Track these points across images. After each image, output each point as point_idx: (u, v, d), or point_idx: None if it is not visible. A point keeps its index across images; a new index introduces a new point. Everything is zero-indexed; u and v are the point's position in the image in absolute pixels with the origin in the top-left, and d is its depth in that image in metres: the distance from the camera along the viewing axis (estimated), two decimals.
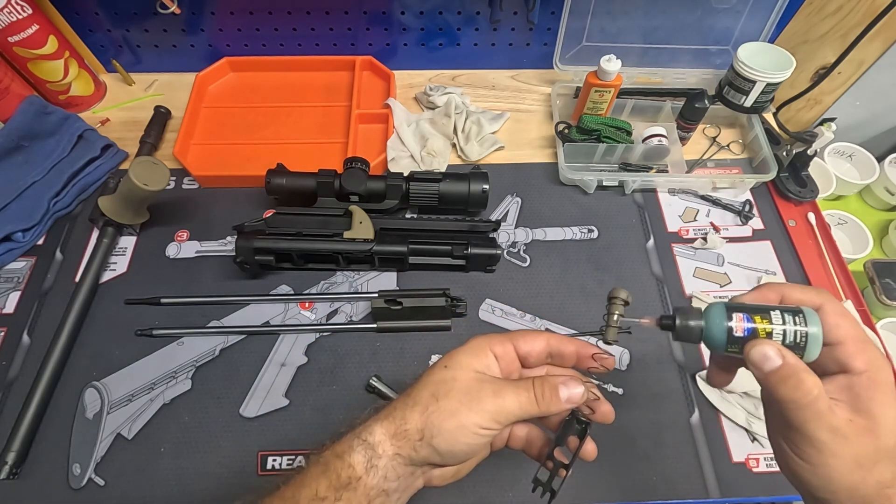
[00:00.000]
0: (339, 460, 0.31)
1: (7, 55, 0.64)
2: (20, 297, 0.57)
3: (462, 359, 0.34)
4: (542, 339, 0.35)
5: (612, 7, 0.67)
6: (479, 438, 0.32)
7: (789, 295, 0.32)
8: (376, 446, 0.31)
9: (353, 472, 0.31)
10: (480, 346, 0.35)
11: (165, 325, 0.55)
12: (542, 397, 0.33)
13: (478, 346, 0.35)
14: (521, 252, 0.62)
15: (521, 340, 0.35)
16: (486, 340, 0.35)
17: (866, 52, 0.63)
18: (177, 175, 0.66)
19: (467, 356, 0.34)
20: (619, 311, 0.35)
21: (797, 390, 0.27)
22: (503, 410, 0.32)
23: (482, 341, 0.35)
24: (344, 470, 0.31)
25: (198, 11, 0.70)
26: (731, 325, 0.30)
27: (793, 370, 0.28)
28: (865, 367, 0.28)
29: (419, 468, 0.33)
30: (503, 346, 0.35)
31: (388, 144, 0.68)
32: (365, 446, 0.31)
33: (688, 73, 0.74)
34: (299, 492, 0.31)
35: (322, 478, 0.31)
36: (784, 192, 0.66)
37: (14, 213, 0.60)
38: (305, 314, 0.57)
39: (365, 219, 0.57)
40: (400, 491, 0.33)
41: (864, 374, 0.28)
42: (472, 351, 0.34)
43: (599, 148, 0.66)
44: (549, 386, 0.33)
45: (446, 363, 0.34)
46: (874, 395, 0.27)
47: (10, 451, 0.47)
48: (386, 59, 0.77)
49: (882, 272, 0.64)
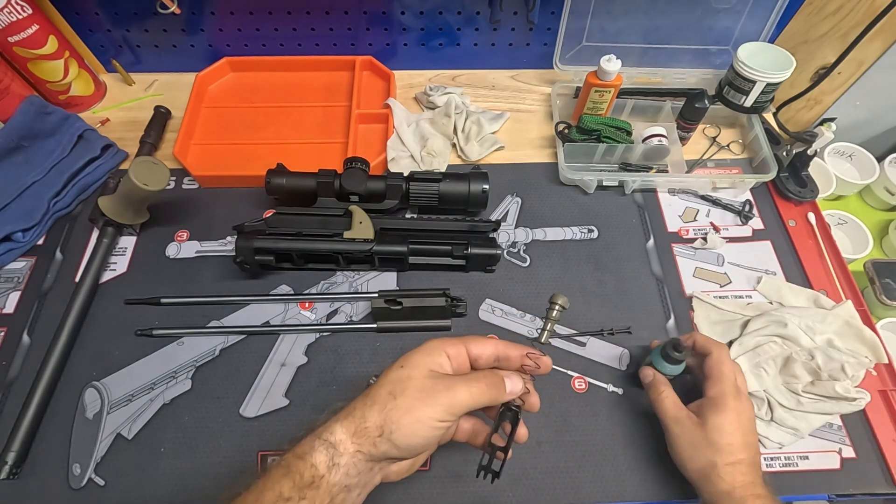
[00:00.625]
0: (302, 461, 0.32)
1: (7, 55, 0.64)
2: (20, 297, 0.57)
3: (417, 358, 0.36)
4: (492, 345, 0.39)
5: (612, 7, 0.67)
6: (435, 431, 0.34)
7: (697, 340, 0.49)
8: (337, 445, 0.33)
9: (316, 472, 0.32)
10: (434, 347, 0.37)
11: (165, 325, 0.55)
12: (491, 387, 0.37)
13: (432, 347, 0.37)
14: (521, 252, 0.62)
15: (472, 344, 0.38)
16: (439, 342, 0.38)
17: (866, 52, 0.63)
18: (177, 175, 0.66)
19: (422, 356, 0.37)
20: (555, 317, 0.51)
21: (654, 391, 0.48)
22: (456, 403, 0.35)
23: (436, 343, 0.38)
24: (307, 470, 0.32)
25: (198, 11, 0.70)
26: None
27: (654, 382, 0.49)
28: (714, 395, 0.45)
29: (378, 463, 0.35)
30: (455, 347, 0.38)
31: (388, 144, 0.68)
32: (326, 445, 0.33)
33: (688, 73, 0.74)
34: (263, 495, 0.32)
35: (285, 479, 0.32)
36: (784, 192, 0.66)
37: (14, 213, 0.60)
38: (305, 314, 0.57)
39: (365, 219, 0.57)
40: (360, 486, 0.34)
41: (710, 399, 0.45)
42: (427, 351, 0.37)
43: (599, 148, 0.66)
44: (496, 378, 0.37)
45: (402, 363, 0.36)
46: (710, 409, 0.44)
47: (10, 451, 0.47)
48: (386, 59, 0.77)
49: (882, 272, 0.64)
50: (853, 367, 0.51)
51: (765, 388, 0.52)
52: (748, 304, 0.59)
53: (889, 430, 0.52)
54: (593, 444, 0.51)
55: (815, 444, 0.51)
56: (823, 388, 0.51)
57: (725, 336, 0.56)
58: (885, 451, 0.50)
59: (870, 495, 0.49)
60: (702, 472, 0.42)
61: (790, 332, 0.53)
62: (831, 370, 0.51)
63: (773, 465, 0.50)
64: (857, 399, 0.50)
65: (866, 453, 0.51)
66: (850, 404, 0.51)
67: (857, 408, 0.51)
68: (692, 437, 0.43)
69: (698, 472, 0.43)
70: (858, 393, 0.51)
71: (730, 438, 0.42)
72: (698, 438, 0.43)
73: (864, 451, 0.51)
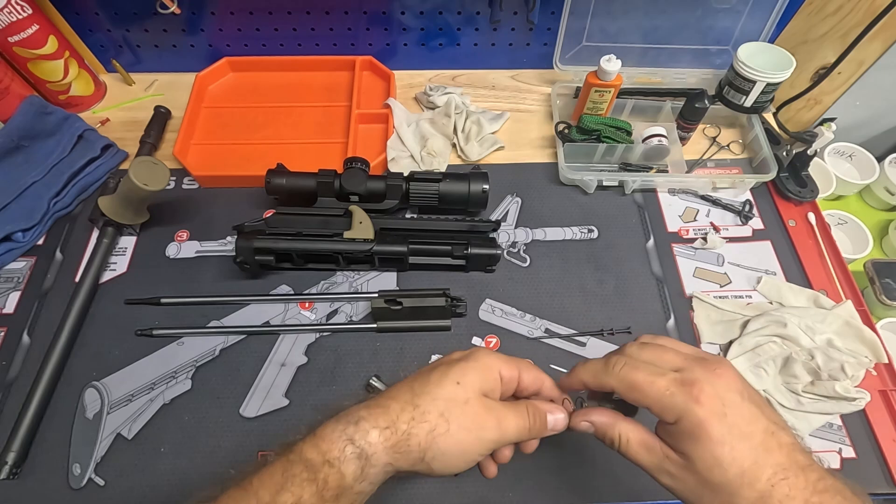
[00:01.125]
0: (330, 467, 0.30)
1: (7, 55, 0.64)
2: (20, 297, 0.57)
3: (474, 379, 0.34)
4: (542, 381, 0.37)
5: (612, 7, 0.67)
6: (474, 462, 0.33)
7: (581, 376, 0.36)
8: (371, 456, 0.30)
9: (344, 481, 0.30)
10: (490, 366, 0.35)
11: (165, 325, 0.55)
12: (534, 425, 0.35)
13: (488, 366, 0.35)
14: (521, 252, 0.62)
15: (525, 372, 0.36)
16: (496, 361, 0.35)
17: (866, 52, 0.63)
18: (177, 175, 0.66)
19: (478, 375, 0.34)
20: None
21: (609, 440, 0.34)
22: (504, 439, 0.33)
23: (493, 362, 0.35)
24: (333, 477, 0.29)
25: (198, 11, 0.70)
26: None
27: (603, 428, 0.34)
28: (673, 419, 0.31)
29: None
30: (510, 371, 0.35)
31: (388, 144, 0.68)
32: (359, 454, 0.30)
33: (688, 73, 0.74)
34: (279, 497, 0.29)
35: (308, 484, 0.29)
36: (784, 192, 0.66)
37: (14, 213, 0.60)
38: (305, 314, 0.57)
39: (365, 219, 0.57)
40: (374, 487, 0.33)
41: (675, 425, 0.31)
42: (483, 369, 0.34)
43: (599, 148, 0.66)
44: (540, 415, 0.35)
45: (458, 379, 0.33)
46: (685, 441, 0.30)
47: (10, 451, 0.47)
48: (386, 59, 0.77)
49: (882, 272, 0.64)
50: (853, 367, 0.51)
51: (765, 388, 0.52)
52: (748, 304, 0.59)
53: (889, 430, 0.52)
54: (593, 444, 0.50)
55: (815, 444, 0.51)
56: (823, 388, 0.51)
57: (725, 336, 0.56)
58: (885, 451, 0.50)
59: (870, 495, 0.49)
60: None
61: (790, 332, 0.53)
62: (831, 370, 0.51)
63: None
64: (857, 399, 0.51)
65: (866, 453, 0.51)
66: (850, 404, 0.51)
67: (857, 408, 0.51)
68: (688, 484, 0.31)
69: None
70: (858, 393, 0.51)
71: (737, 465, 0.29)
72: (696, 484, 0.30)
73: (864, 451, 0.51)
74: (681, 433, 0.30)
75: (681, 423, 0.30)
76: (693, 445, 0.30)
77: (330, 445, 0.30)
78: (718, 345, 0.56)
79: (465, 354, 0.36)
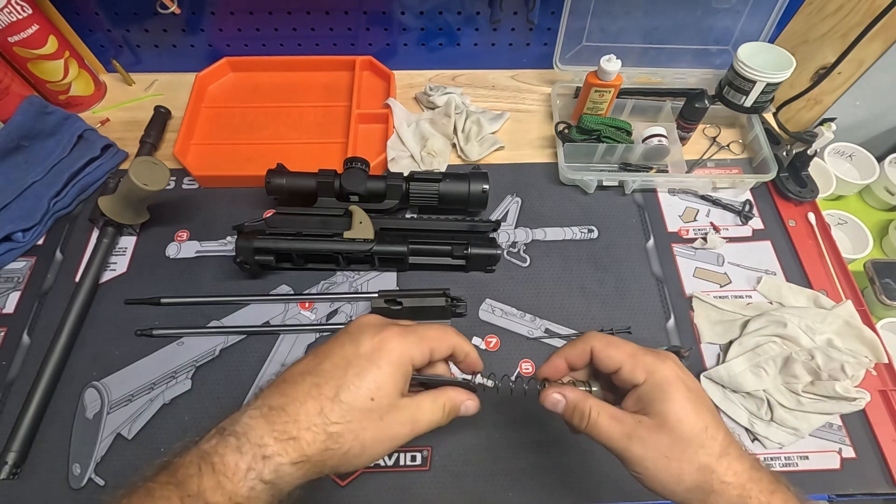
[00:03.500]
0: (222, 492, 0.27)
1: (7, 55, 0.64)
2: (20, 297, 0.57)
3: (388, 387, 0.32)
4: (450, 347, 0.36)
5: (612, 7, 0.67)
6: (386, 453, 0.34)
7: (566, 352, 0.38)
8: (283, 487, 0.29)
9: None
10: (403, 363, 0.33)
11: (165, 325, 0.55)
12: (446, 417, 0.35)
13: (401, 365, 0.33)
14: (521, 252, 0.62)
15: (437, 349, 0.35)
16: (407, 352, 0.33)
17: (866, 52, 0.63)
18: (177, 175, 0.66)
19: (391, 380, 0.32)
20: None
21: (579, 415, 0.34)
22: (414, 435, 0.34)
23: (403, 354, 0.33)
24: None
25: (198, 11, 0.70)
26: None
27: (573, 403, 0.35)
28: (644, 376, 0.33)
29: None
30: (422, 355, 0.34)
31: (388, 144, 0.68)
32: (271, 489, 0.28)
33: (688, 73, 0.74)
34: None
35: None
36: (784, 192, 0.66)
37: (14, 213, 0.60)
38: (305, 314, 0.57)
39: (365, 219, 0.57)
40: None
41: (645, 383, 0.33)
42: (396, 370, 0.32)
43: (599, 148, 0.66)
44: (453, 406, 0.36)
45: (373, 394, 0.31)
46: (656, 396, 0.32)
47: (10, 451, 0.47)
48: (386, 59, 0.77)
49: (882, 272, 0.64)
50: (853, 367, 0.51)
51: (765, 388, 0.52)
52: (748, 304, 0.59)
53: (889, 430, 0.52)
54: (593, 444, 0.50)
55: (815, 444, 0.51)
56: (823, 388, 0.51)
57: (725, 336, 0.56)
58: (885, 451, 0.50)
59: (870, 495, 0.49)
60: (698, 487, 0.31)
61: (790, 332, 0.53)
62: (831, 370, 0.51)
63: (773, 465, 0.50)
64: (857, 399, 0.51)
65: (866, 453, 0.51)
66: (850, 404, 0.51)
67: (857, 408, 0.51)
68: (662, 447, 0.31)
69: (695, 490, 0.31)
70: (858, 393, 0.51)
71: (701, 419, 0.32)
72: (668, 444, 0.31)
73: (864, 451, 0.51)
74: (650, 391, 0.33)
75: (650, 379, 0.33)
76: (663, 401, 0.32)
77: (237, 486, 0.27)
78: (718, 345, 0.56)
79: (376, 346, 0.33)
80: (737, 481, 0.31)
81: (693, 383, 0.34)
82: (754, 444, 0.51)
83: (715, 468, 0.31)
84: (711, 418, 0.32)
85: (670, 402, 0.32)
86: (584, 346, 0.36)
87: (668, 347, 0.47)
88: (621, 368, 0.34)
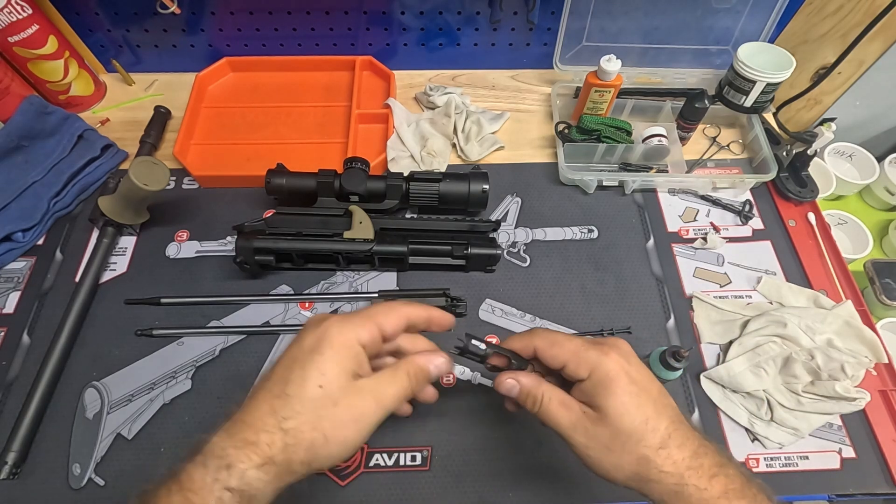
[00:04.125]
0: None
1: (7, 55, 0.64)
2: (20, 297, 0.57)
3: (335, 371, 0.31)
4: (403, 317, 0.36)
5: (612, 7, 0.67)
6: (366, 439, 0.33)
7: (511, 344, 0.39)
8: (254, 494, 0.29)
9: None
10: (347, 343, 0.33)
11: (165, 325, 0.55)
12: (416, 383, 0.35)
13: (345, 344, 0.32)
14: (521, 252, 0.62)
15: (386, 323, 0.35)
16: (350, 333, 0.33)
17: (866, 52, 0.63)
18: (177, 175, 0.66)
19: (338, 364, 0.32)
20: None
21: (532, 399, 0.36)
22: (386, 411, 0.33)
23: (348, 336, 0.33)
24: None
25: (198, 11, 0.70)
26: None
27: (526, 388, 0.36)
28: (587, 372, 0.34)
29: None
30: (370, 333, 0.34)
31: (388, 144, 0.68)
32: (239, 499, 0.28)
33: (688, 73, 0.74)
34: None
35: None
36: (784, 192, 0.66)
37: (14, 213, 0.60)
38: (305, 314, 0.57)
39: (365, 219, 0.57)
40: None
41: (588, 379, 0.34)
42: (342, 354, 0.32)
43: (599, 148, 0.66)
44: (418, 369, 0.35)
45: (319, 381, 0.31)
46: (598, 391, 0.34)
47: (10, 451, 0.47)
48: (386, 59, 0.77)
49: (882, 272, 0.64)
50: (853, 367, 0.51)
51: (765, 388, 0.52)
52: (748, 304, 0.59)
53: (889, 430, 0.52)
54: None
55: (815, 444, 0.51)
56: (823, 388, 0.51)
57: (725, 336, 0.56)
58: (885, 451, 0.50)
59: (870, 495, 0.49)
60: (637, 476, 0.33)
61: (790, 332, 0.53)
62: (831, 370, 0.51)
63: (773, 465, 0.50)
64: (857, 399, 0.51)
65: (866, 453, 0.51)
66: (850, 404, 0.51)
67: (857, 408, 0.51)
68: (602, 438, 0.33)
69: (634, 478, 0.33)
70: (858, 393, 0.51)
71: (642, 412, 0.33)
72: (609, 436, 0.33)
73: (864, 451, 0.51)
74: (593, 386, 0.34)
75: (593, 374, 0.34)
76: (605, 396, 0.33)
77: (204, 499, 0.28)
78: (718, 345, 0.56)
79: (317, 337, 0.33)
80: (675, 470, 0.32)
81: (638, 373, 0.34)
82: (754, 443, 0.51)
83: (653, 459, 0.32)
84: (653, 410, 0.33)
85: (611, 396, 0.33)
86: (528, 343, 0.38)
87: (667, 347, 0.48)
88: (565, 366, 0.35)
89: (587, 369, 0.34)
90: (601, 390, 0.34)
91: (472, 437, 0.50)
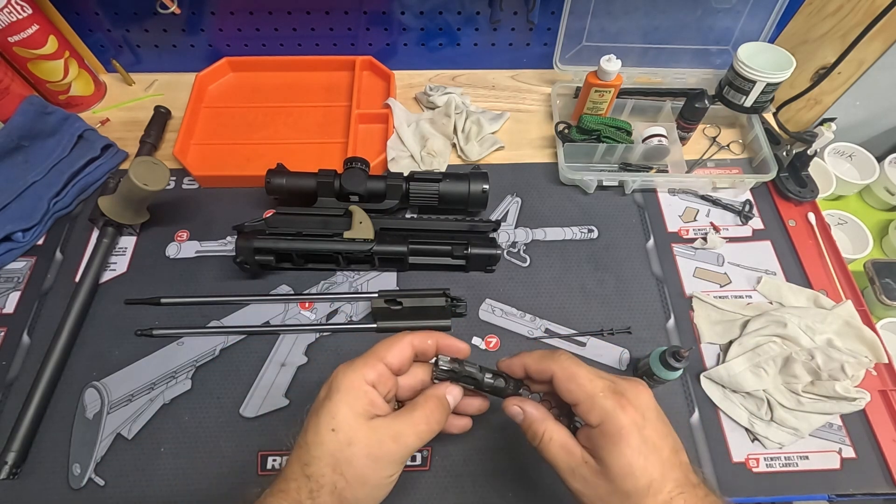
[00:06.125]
0: None
1: (7, 55, 0.64)
2: (20, 297, 0.57)
3: (346, 413, 0.32)
4: (407, 345, 0.36)
5: (612, 7, 0.67)
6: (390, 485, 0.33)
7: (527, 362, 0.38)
8: None
9: None
10: (355, 387, 0.33)
11: (165, 325, 0.55)
12: (436, 421, 0.35)
13: (353, 388, 0.33)
14: (521, 252, 0.62)
15: (389, 356, 0.35)
16: (357, 375, 0.34)
17: (866, 52, 0.63)
18: (177, 175, 0.66)
19: (348, 407, 0.32)
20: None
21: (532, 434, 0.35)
22: (408, 451, 0.33)
23: (354, 378, 0.33)
24: None
25: (198, 11, 0.70)
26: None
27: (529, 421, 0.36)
28: (598, 421, 0.33)
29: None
30: (375, 370, 0.34)
31: (388, 144, 0.68)
32: None
33: (688, 73, 0.74)
34: None
35: None
36: (784, 192, 0.66)
37: (14, 213, 0.60)
38: (305, 314, 0.57)
39: (365, 219, 0.57)
40: None
41: (597, 428, 0.33)
42: (351, 396, 0.33)
43: (599, 148, 0.66)
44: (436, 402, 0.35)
45: (331, 425, 0.32)
46: (604, 445, 0.32)
47: (10, 451, 0.47)
48: (386, 59, 0.77)
49: (882, 272, 0.64)
50: (853, 367, 0.51)
51: (765, 388, 0.52)
52: (748, 304, 0.59)
53: (889, 430, 0.52)
54: None
55: (815, 444, 0.51)
56: (823, 388, 0.51)
57: (725, 336, 0.56)
58: (885, 451, 0.50)
59: (870, 495, 0.49)
60: None
61: (790, 332, 0.53)
62: (831, 370, 0.51)
63: (773, 465, 0.50)
64: (857, 399, 0.51)
65: (866, 453, 0.51)
66: (850, 404, 0.51)
67: (857, 408, 0.51)
68: (601, 492, 0.32)
69: None
70: (858, 393, 0.51)
71: (647, 475, 0.31)
72: (607, 492, 0.32)
73: (864, 451, 0.51)
74: (602, 436, 0.32)
75: (604, 425, 0.32)
76: (611, 451, 0.32)
77: None
78: (718, 345, 0.56)
79: (328, 386, 0.34)
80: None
81: (653, 431, 0.32)
82: (754, 443, 0.51)
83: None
84: (659, 472, 0.31)
85: (617, 454, 0.31)
86: (546, 367, 0.36)
87: (667, 347, 0.47)
88: (577, 406, 0.34)
89: (599, 417, 0.33)
90: (609, 444, 0.32)
91: (472, 438, 0.50)
